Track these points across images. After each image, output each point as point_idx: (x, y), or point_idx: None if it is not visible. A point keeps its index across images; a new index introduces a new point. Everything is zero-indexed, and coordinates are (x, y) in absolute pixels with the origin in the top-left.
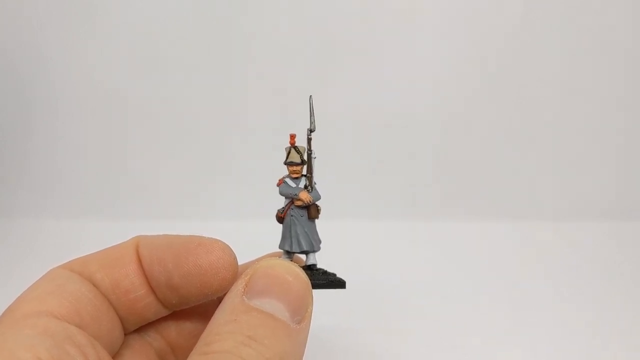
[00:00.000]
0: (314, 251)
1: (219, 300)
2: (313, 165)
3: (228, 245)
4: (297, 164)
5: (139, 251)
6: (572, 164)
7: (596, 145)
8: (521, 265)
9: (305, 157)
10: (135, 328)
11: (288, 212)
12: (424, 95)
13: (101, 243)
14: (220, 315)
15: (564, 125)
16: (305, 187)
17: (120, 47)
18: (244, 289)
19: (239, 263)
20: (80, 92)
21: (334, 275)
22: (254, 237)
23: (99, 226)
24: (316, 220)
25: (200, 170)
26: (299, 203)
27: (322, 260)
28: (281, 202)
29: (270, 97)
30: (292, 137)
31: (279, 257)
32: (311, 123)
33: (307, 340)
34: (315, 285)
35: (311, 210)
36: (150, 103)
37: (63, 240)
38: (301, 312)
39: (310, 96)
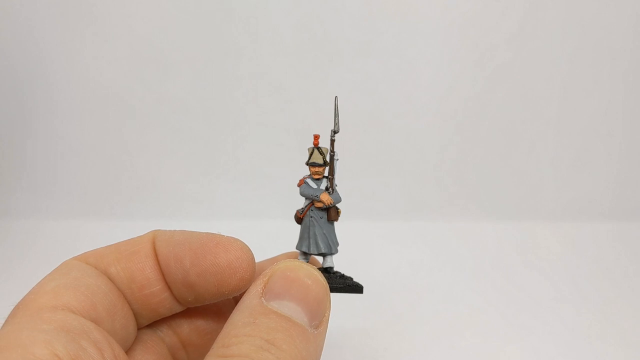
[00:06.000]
0: (331, 254)
1: (234, 299)
2: (335, 167)
3: (246, 245)
4: (319, 165)
5: (156, 246)
6: (572, 164)
7: (596, 146)
8: (521, 265)
9: (327, 159)
10: (148, 323)
11: (307, 213)
12: (425, 96)
13: (100, 244)
14: (238, 316)
15: (564, 125)
16: (327, 188)
17: (119, 47)
18: (262, 291)
19: None
20: (79, 93)
21: (351, 279)
22: (259, 237)
23: (98, 227)
24: (334, 223)
25: (202, 170)
26: (319, 205)
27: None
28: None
29: (271, 96)
30: (316, 137)
31: (295, 257)
32: (335, 124)
33: (323, 345)
34: (332, 289)
35: (331, 213)
36: (149, 103)
37: (62, 241)
38: (319, 317)
39: (336, 97)
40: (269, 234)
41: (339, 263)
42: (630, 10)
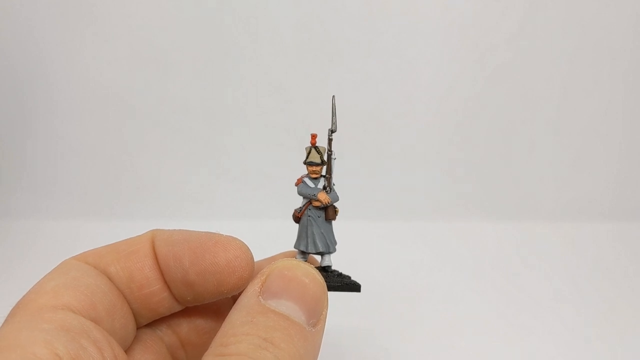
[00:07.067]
0: (329, 253)
1: (233, 298)
2: (333, 166)
3: (245, 244)
4: (316, 165)
5: (155, 246)
6: (572, 164)
7: (596, 146)
8: (521, 265)
9: (325, 158)
10: (147, 322)
11: (305, 212)
12: (425, 96)
13: (100, 244)
14: (236, 315)
15: (564, 125)
16: (324, 187)
17: (119, 47)
18: (260, 289)
19: None
20: (79, 92)
21: (349, 277)
22: (259, 237)
23: (98, 227)
24: (332, 222)
25: (202, 170)
26: (317, 204)
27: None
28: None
29: (271, 96)
30: (314, 137)
31: (294, 256)
32: (333, 123)
33: (321, 343)
34: (330, 288)
35: (329, 212)
36: (149, 103)
37: (62, 241)
38: (316, 315)
39: (333, 96)
40: (269, 233)
41: (339, 263)
42: (630, 10)
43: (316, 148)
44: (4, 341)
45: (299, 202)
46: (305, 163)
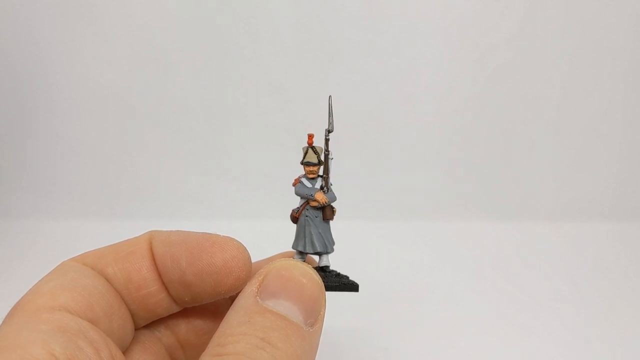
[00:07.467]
0: (327, 253)
1: (231, 299)
2: (330, 167)
3: (242, 244)
4: (313, 165)
5: (152, 247)
6: (572, 164)
7: (596, 146)
8: (521, 265)
9: (322, 158)
10: (145, 323)
11: (303, 212)
12: (425, 96)
13: (100, 244)
14: (234, 316)
15: (564, 125)
16: (322, 187)
17: (119, 47)
18: (258, 290)
19: None
20: (79, 93)
21: (347, 277)
22: (258, 237)
23: (98, 227)
24: (330, 222)
25: (202, 170)
26: (314, 204)
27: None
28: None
29: (271, 96)
30: (310, 137)
31: (292, 257)
32: (329, 124)
33: (319, 343)
34: (328, 288)
35: (326, 212)
36: (149, 103)
37: (62, 241)
38: (314, 315)
39: (330, 96)
40: (269, 234)
41: (339, 263)
42: (630, 10)
43: (313, 148)
44: (3, 341)
45: (298, 202)
46: (302, 163)
